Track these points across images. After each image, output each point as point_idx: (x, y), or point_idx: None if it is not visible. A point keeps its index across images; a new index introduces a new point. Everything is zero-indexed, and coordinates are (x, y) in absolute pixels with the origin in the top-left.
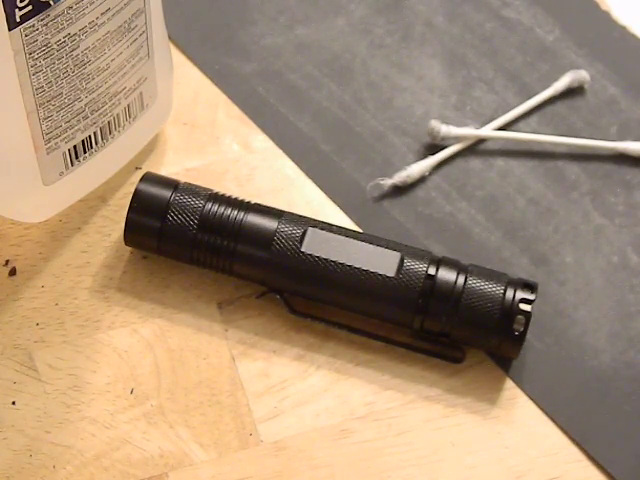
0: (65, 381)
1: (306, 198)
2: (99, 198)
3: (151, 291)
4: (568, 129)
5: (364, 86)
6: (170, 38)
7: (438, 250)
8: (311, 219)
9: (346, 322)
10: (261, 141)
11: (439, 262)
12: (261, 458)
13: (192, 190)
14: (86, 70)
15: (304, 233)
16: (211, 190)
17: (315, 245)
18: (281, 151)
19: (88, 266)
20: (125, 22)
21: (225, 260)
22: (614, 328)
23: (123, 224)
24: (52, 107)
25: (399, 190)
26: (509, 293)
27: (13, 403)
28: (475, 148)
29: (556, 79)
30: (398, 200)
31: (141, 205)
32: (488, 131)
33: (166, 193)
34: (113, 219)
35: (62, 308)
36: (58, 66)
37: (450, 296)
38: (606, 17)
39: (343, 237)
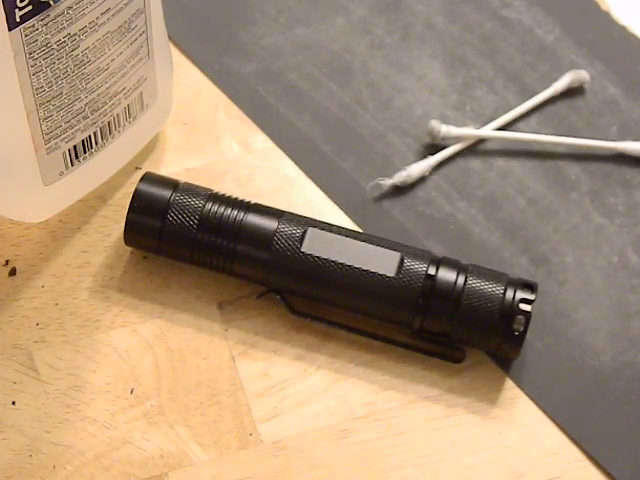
0: (65, 381)
1: (306, 198)
2: (99, 198)
3: (151, 291)
4: (568, 129)
5: (364, 86)
6: (170, 38)
7: (438, 250)
8: (311, 219)
9: (346, 322)
10: (261, 141)
11: (439, 262)
12: (261, 458)
13: (192, 190)
14: (86, 70)
15: (304, 233)
16: (211, 190)
17: (315, 245)
18: (281, 151)
19: (88, 266)
20: (125, 22)
21: (225, 260)
22: (614, 328)
23: (123, 224)
24: (52, 107)
25: (399, 190)
26: (509, 293)
27: (13, 403)
28: (475, 148)
29: (556, 79)
30: (398, 200)
31: (141, 205)
32: (488, 131)
33: (166, 193)
34: (113, 219)
35: (62, 308)
36: (58, 66)
37: (450, 296)
38: (606, 17)
39: (343, 237)
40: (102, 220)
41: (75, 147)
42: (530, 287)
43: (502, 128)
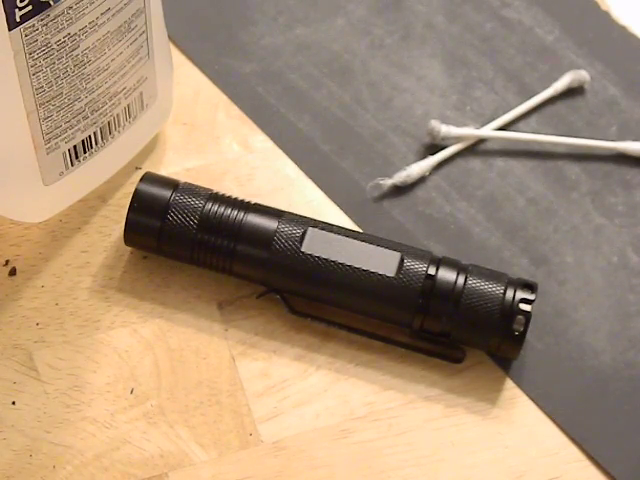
0: (65, 381)
1: (306, 198)
2: (99, 198)
3: (151, 291)
4: (568, 129)
5: (364, 86)
6: (170, 38)
7: (438, 250)
8: (311, 219)
9: (346, 322)
10: (261, 141)
11: (439, 262)
12: (261, 458)
13: (192, 190)
14: (86, 70)
15: (304, 233)
16: (211, 190)
17: (315, 245)
18: (281, 151)
19: (88, 266)
20: (125, 22)
21: (225, 260)
22: (614, 328)
23: (123, 224)
24: (52, 107)
25: (399, 190)
26: (509, 293)
27: (13, 403)
28: (475, 148)
29: (556, 79)
30: (398, 200)
31: (141, 205)
32: (488, 131)
33: (166, 193)
34: (113, 219)
35: (62, 308)
36: (58, 66)
37: (450, 296)
38: (606, 17)
39: (343, 237)
40: (102, 220)
41: (75, 147)
42: (530, 287)
43: (502, 128)
